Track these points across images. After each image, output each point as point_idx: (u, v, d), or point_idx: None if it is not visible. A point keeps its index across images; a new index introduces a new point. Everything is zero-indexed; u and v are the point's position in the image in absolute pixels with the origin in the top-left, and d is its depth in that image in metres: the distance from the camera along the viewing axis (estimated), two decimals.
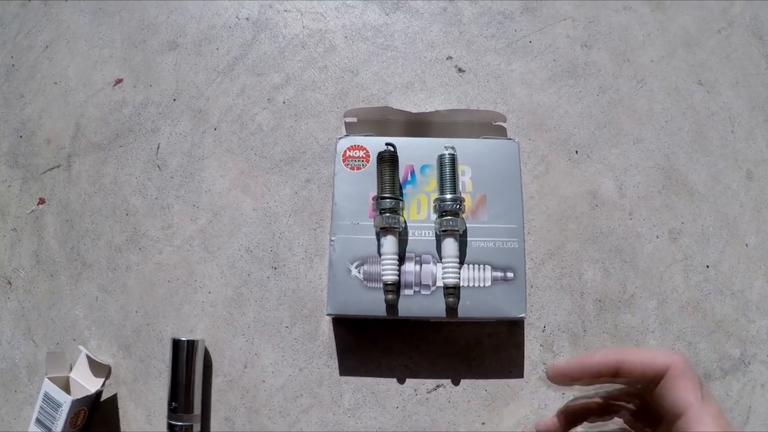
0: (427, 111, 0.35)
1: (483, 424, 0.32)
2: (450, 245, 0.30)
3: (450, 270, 0.30)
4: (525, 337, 0.34)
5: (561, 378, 0.24)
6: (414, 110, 0.36)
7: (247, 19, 0.41)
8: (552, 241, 0.35)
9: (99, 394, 0.34)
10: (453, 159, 0.31)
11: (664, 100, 0.39)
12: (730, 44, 0.41)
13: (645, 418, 0.26)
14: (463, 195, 0.32)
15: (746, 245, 0.36)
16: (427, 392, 0.33)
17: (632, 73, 0.39)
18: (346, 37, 0.40)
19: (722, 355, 0.34)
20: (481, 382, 0.33)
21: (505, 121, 0.36)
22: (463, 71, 0.39)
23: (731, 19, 0.41)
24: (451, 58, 0.39)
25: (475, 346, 0.33)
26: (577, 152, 0.37)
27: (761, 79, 0.40)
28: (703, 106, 0.39)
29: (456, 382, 0.33)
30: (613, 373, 0.23)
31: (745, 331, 0.34)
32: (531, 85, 0.39)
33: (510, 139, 0.34)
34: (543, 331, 0.34)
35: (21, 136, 0.41)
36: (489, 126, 0.36)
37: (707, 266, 0.35)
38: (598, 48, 0.40)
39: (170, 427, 0.32)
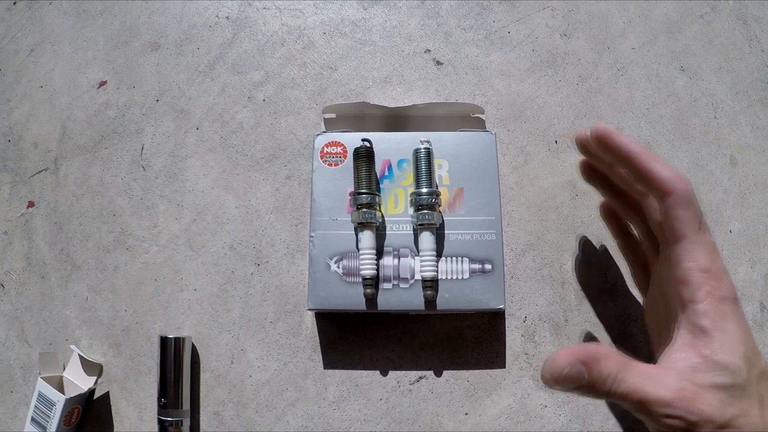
0: (405, 105, 0.35)
1: (466, 414, 0.33)
2: (427, 239, 0.31)
3: (427, 263, 0.31)
4: (506, 328, 0.34)
5: (594, 142, 0.26)
6: (392, 105, 0.36)
7: (227, 17, 0.42)
8: (532, 231, 0.35)
9: (92, 392, 0.35)
10: (428, 153, 0.31)
11: (645, 87, 0.39)
12: (713, 29, 0.40)
13: (651, 237, 0.28)
14: (440, 188, 0.32)
15: (730, 232, 0.36)
16: (410, 384, 0.33)
17: (612, 61, 0.39)
18: (324, 33, 0.40)
19: None
20: (464, 373, 0.33)
21: (482, 113, 0.36)
22: (441, 64, 0.39)
23: (715, 4, 0.41)
24: (429, 51, 0.39)
25: (457, 337, 0.34)
26: (556, 142, 0.37)
27: (745, 63, 0.40)
28: (685, 93, 0.39)
29: (438, 374, 0.33)
30: (624, 163, 0.25)
31: None
32: (510, 76, 0.39)
33: (487, 131, 0.34)
34: (524, 322, 0.34)
35: (9, 141, 0.42)
36: (467, 118, 0.36)
37: None
38: (578, 37, 0.39)
39: (160, 422, 0.32)
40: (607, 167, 0.29)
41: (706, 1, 0.41)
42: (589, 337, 0.34)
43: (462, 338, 0.34)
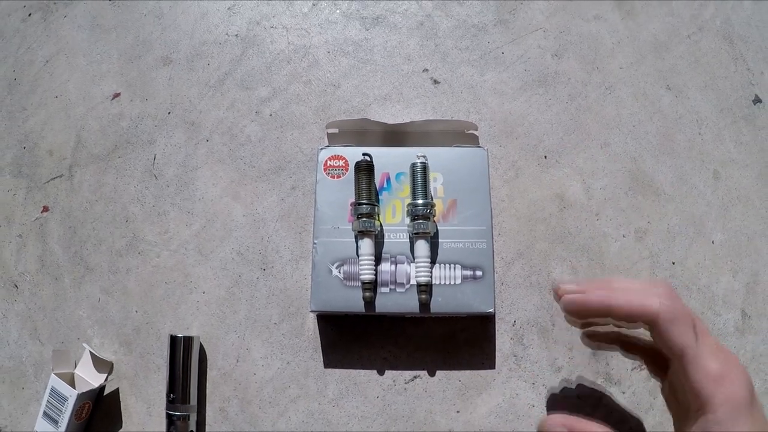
0: (403, 122, 0.41)
1: (458, 412, 0.38)
2: (422, 246, 0.36)
3: (422, 269, 0.36)
4: (496, 331, 0.39)
5: (570, 314, 0.29)
6: (391, 121, 0.42)
7: (236, 35, 0.47)
8: (521, 241, 0.41)
9: (102, 388, 0.40)
10: (424, 167, 0.37)
11: (632, 105, 0.44)
12: (699, 49, 0.46)
13: (660, 358, 0.30)
14: (434, 200, 0.37)
15: (712, 242, 0.41)
16: (405, 383, 0.38)
17: (601, 80, 0.44)
18: (328, 52, 0.46)
19: None
20: (456, 373, 0.38)
21: (476, 130, 0.41)
22: (438, 83, 0.45)
23: (701, 24, 0.47)
24: (427, 70, 0.45)
25: (450, 339, 0.39)
26: (546, 157, 0.43)
27: (730, 81, 0.45)
28: (671, 110, 0.44)
29: (432, 374, 0.38)
30: (608, 315, 0.27)
31: (712, 324, 0.39)
32: (503, 95, 0.44)
33: (480, 147, 0.40)
34: (513, 326, 0.39)
35: (24, 148, 0.47)
36: (462, 134, 0.41)
37: (673, 263, 0.40)
38: (568, 57, 0.45)
39: (168, 417, 0.37)
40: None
41: (694, 22, 0.46)
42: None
43: (454, 340, 0.39)
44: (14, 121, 0.48)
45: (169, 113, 0.46)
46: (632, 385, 0.38)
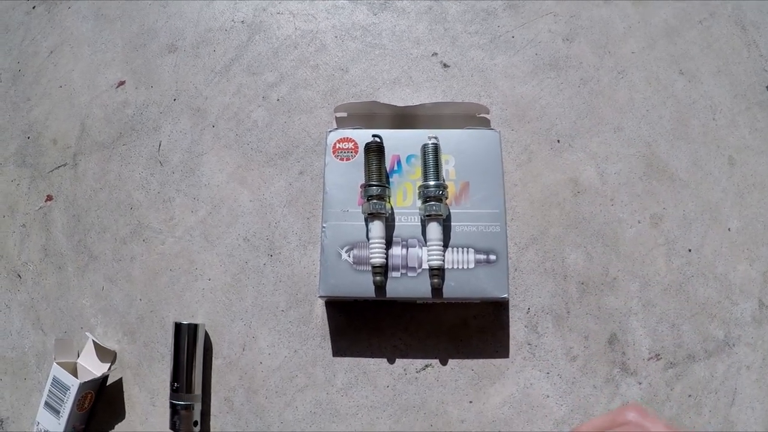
0: (413, 105, 0.40)
1: (470, 402, 0.36)
2: (434, 229, 0.35)
3: (435, 253, 0.34)
4: (510, 319, 0.38)
5: None
6: (401, 104, 0.41)
7: (242, 22, 0.47)
8: (535, 226, 0.39)
9: (105, 378, 0.39)
10: (436, 148, 0.36)
11: (645, 89, 0.43)
12: (711, 34, 0.45)
13: None
14: (446, 182, 0.36)
15: (729, 230, 0.40)
16: (417, 371, 0.37)
17: (613, 65, 0.44)
18: (336, 37, 0.45)
19: (706, 337, 0.37)
20: (468, 362, 0.37)
21: (488, 113, 0.40)
22: (448, 66, 0.44)
23: (713, 10, 0.46)
24: (436, 54, 0.44)
25: (462, 327, 0.38)
26: (559, 141, 0.42)
27: (743, 67, 0.44)
28: (685, 95, 0.43)
29: (444, 362, 0.37)
30: None
31: (729, 313, 0.38)
32: (514, 78, 0.43)
33: (492, 129, 0.39)
34: (527, 313, 0.38)
35: (28, 137, 0.46)
36: (473, 118, 0.40)
37: (689, 250, 0.39)
38: (580, 41, 0.44)
39: (172, 406, 0.36)
40: None
41: (705, 7, 0.46)
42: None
43: (467, 328, 0.38)
44: (18, 111, 0.47)
45: (174, 100, 0.45)
46: (648, 376, 0.36)
